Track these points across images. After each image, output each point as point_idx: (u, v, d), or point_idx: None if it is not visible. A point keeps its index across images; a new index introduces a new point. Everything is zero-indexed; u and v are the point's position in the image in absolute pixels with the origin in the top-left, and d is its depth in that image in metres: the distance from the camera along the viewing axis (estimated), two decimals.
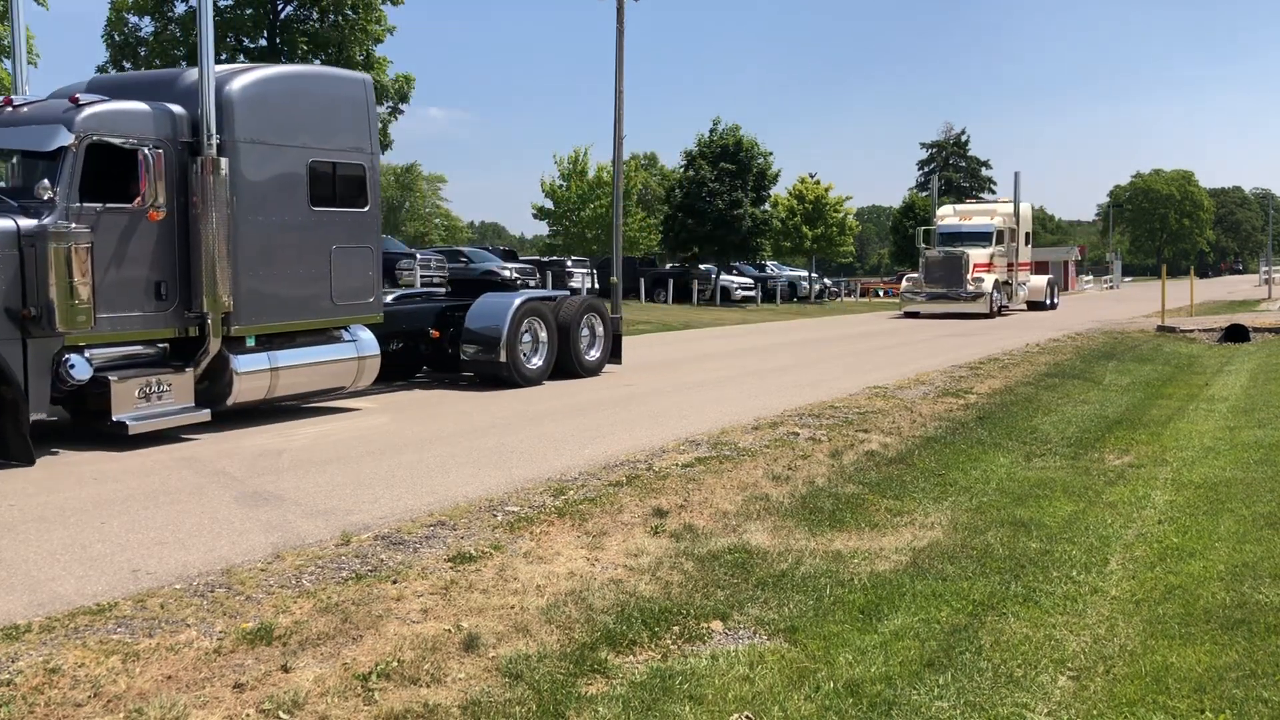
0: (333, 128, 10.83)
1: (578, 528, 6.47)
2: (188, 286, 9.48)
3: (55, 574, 5.45)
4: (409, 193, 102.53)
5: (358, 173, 11.08)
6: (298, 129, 10.37)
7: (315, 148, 10.53)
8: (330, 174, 10.76)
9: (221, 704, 4.00)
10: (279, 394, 10.39)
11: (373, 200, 11.24)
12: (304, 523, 6.53)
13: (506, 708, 4.04)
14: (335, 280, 10.78)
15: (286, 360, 10.30)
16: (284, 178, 10.25)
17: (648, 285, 42.83)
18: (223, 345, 9.69)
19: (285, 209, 10.27)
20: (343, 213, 10.91)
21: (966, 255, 32.21)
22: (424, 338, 13.28)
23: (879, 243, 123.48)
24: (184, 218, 9.43)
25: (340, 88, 11.34)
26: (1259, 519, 6.92)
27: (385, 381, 12.88)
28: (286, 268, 10.32)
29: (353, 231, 11.03)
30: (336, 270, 10.79)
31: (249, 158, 9.85)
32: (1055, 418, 11.39)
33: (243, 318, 9.85)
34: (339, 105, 11.01)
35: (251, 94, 9.93)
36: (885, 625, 5.03)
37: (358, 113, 11.17)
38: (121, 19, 24.49)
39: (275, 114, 10.19)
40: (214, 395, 9.79)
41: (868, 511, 7.21)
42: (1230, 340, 21.91)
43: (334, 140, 10.80)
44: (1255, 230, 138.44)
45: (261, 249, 10.05)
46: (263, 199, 10.03)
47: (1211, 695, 4.23)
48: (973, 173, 75.58)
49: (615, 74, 29.20)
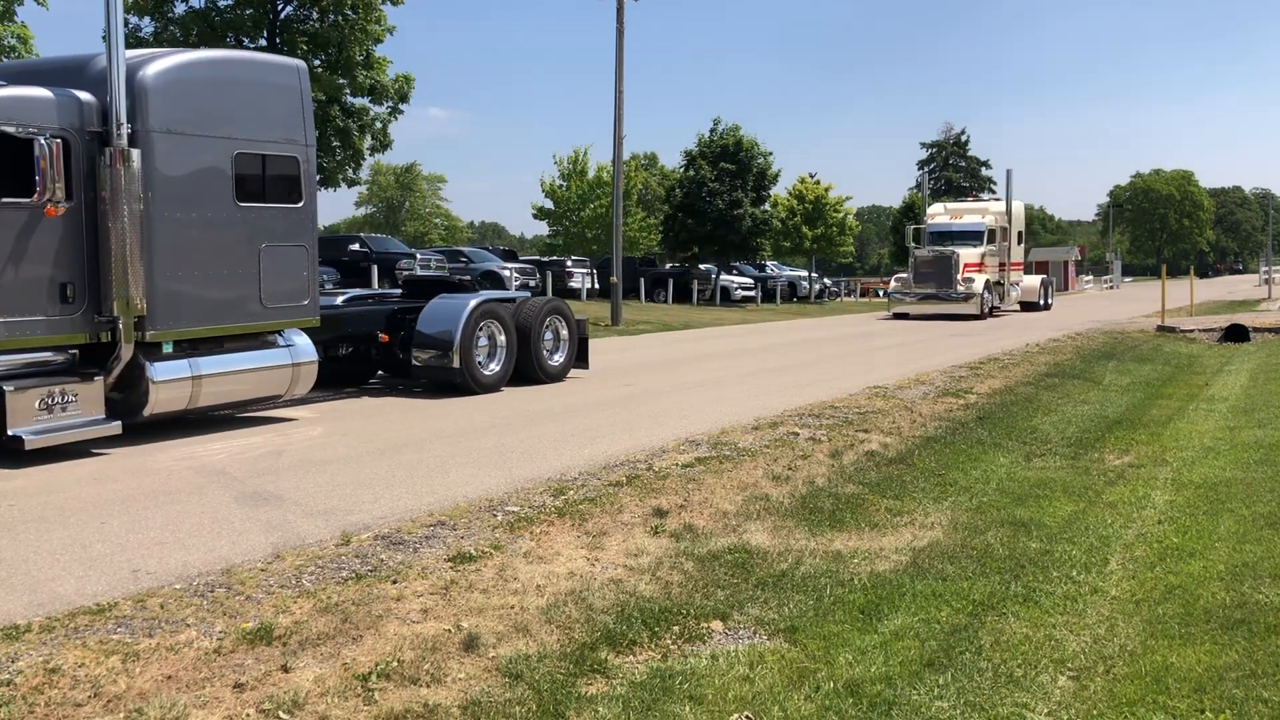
0: (262, 117, 10.09)
1: (578, 528, 6.47)
2: (98, 288, 8.78)
3: (55, 574, 5.45)
4: (409, 193, 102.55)
5: (290, 166, 10.34)
6: (222, 118, 9.65)
7: (242, 139, 9.80)
8: (259, 167, 10.03)
9: (221, 704, 4.00)
10: (204, 404, 9.65)
11: (307, 195, 10.53)
12: (304, 523, 6.53)
13: (506, 708, 4.04)
14: (265, 281, 10.03)
15: (211, 368, 9.60)
16: (206, 171, 9.52)
17: (648, 285, 42.84)
18: (138, 352, 8.99)
19: (207, 204, 9.53)
20: (273, 208, 10.18)
21: (957, 255, 31.45)
22: (373, 342, 12.65)
23: (879, 243, 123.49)
24: (93, 213, 8.75)
25: (271, 75, 10.52)
26: (1259, 519, 6.92)
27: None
28: (209, 268, 9.57)
29: (285, 229, 10.28)
30: (266, 270, 10.04)
31: (165, 149, 9.11)
32: (1055, 418, 11.39)
33: (158, 322, 9.12)
34: (270, 93, 10.26)
35: (168, 80, 9.20)
36: (885, 625, 5.03)
37: (290, 101, 10.40)
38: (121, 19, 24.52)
39: (196, 102, 9.46)
40: (130, 406, 9.10)
41: (868, 511, 7.21)
42: (1230, 340, 21.92)
43: (264, 131, 10.05)
44: (1255, 230, 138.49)
45: (180, 248, 9.30)
46: (181, 194, 9.30)
47: (1211, 695, 4.23)
48: (973, 173, 75.61)
49: (615, 74, 29.23)
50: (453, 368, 12.24)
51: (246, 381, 10.02)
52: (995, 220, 34.08)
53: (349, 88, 25.16)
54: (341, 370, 12.94)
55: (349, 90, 25.21)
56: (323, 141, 25.26)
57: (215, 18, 24.17)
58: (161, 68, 9.19)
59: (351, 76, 24.99)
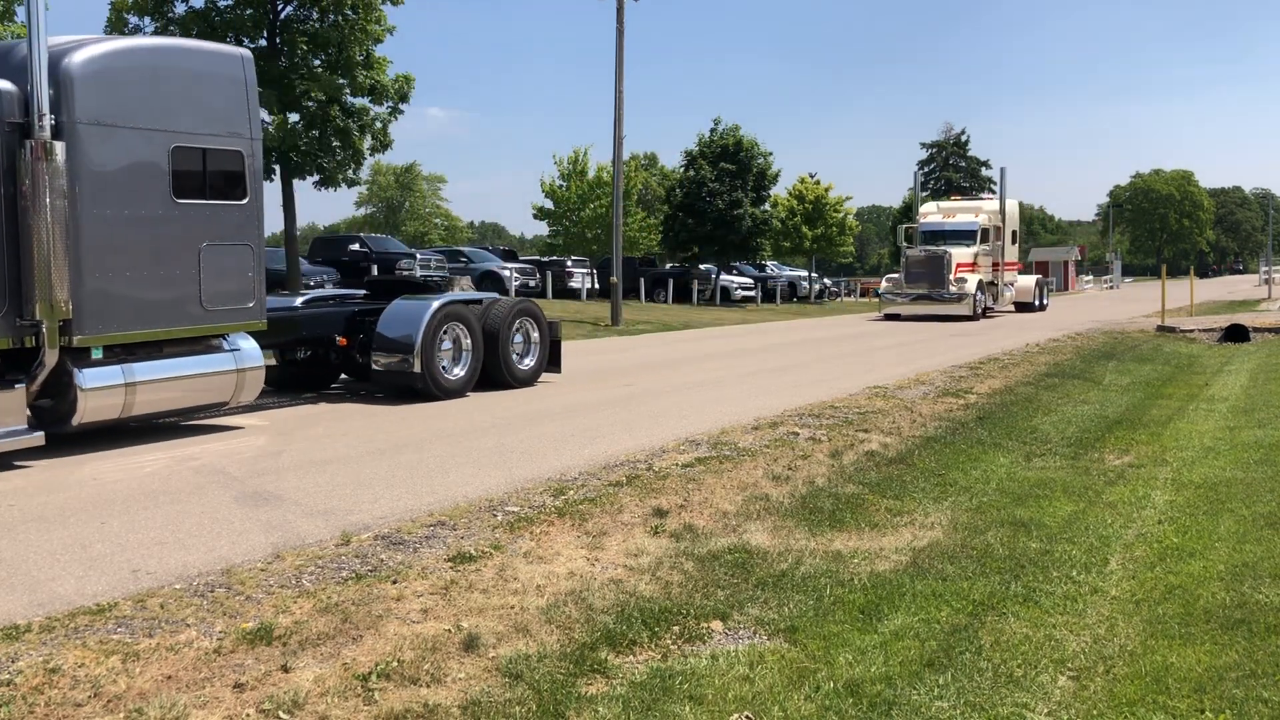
0: (203, 109, 9.51)
1: (578, 528, 6.47)
2: (19, 290, 8.27)
3: (55, 574, 5.45)
4: (409, 193, 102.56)
5: (234, 160, 9.77)
6: (158, 110, 9.10)
7: (180, 131, 9.24)
8: (199, 161, 9.46)
9: (221, 704, 4.00)
10: (140, 412, 9.10)
11: (253, 191, 9.95)
12: (304, 523, 6.53)
13: (506, 708, 4.04)
14: (206, 282, 9.47)
15: (147, 374, 9.04)
16: (140, 165, 8.99)
17: (648, 285, 42.85)
18: (64, 358, 8.48)
19: (141, 201, 8.98)
20: (215, 206, 9.60)
21: (949, 254, 30.75)
22: (332, 345, 12.17)
23: (879, 243, 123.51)
24: (13, 210, 8.25)
25: (213, 64, 9.89)
26: (1259, 519, 6.92)
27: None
28: (143, 268, 9.02)
29: (228, 227, 9.71)
30: (207, 271, 9.47)
31: (93, 142, 8.59)
32: (1055, 418, 11.39)
33: (86, 326, 8.57)
34: (211, 84, 9.67)
35: (96, 69, 8.66)
36: (885, 625, 5.03)
37: (234, 92, 9.82)
38: (122, 19, 24.47)
39: (128, 92, 8.89)
40: (58, 415, 8.62)
41: (868, 511, 7.21)
42: (1230, 340, 21.92)
43: (204, 123, 9.48)
44: (1255, 230, 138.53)
45: (110, 247, 8.77)
46: (112, 189, 8.77)
47: (1211, 695, 4.23)
48: (973, 173, 75.52)
49: (615, 74, 29.23)
50: (413, 372, 11.72)
51: (187, 388, 9.48)
52: (989, 219, 33.41)
53: (349, 88, 25.13)
54: (301, 375, 12.61)
55: (349, 90, 25.18)
56: (323, 141, 25.24)
57: (215, 18, 24.14)
58: (88, 56, 8.66)
59: (351, 76, 24.97)
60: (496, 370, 12.79)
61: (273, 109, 24.42)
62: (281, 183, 25.88)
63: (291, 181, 25.92)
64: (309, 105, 24.67)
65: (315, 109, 24.77)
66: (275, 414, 11.09)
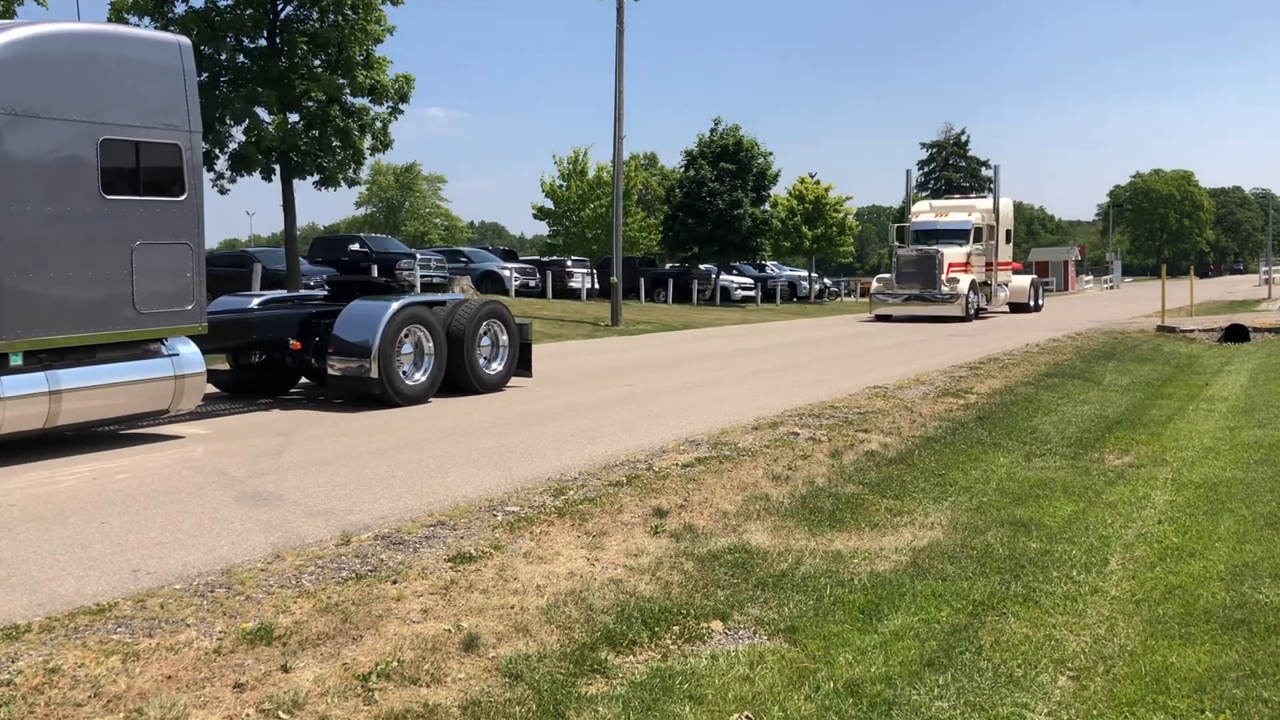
0: (136, 100, 8.95)
1: (578, 528, 6.47)
2: None
3: (55, 574, 5.45)
4: (409, 193, 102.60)
5: (170, 155, 9.22)
6: (86, 100, 8.59)
7: (110, 124, 8.71)
8: (131, 155, 8.92)
9: (221, 704, 4.00)
10: (67, 421, 8.57)
11: (192, 188, 9.38)
12: (304, 523, 6.53)
13: (506, 708, 4.04)
14: (140, 284, 8.94)
15: (74, 381, 8.50)
16: (63, 159, 8.46)
17: (648, 285, 42.86)
18: None
19: (66, 197, 8.45)
20: (149, 202, 9.05)
21: (941, 254, 30.05)
22: (286, 349, 11.57)
23: (879, 243, 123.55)
24: None
25: (148, 51, 9.25)
26: (1259, 519, 6.92)
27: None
28: (68, 269, 8.50)
29: (164, 225, 9.16)
30: (141, 272, 8.93)
31: (10, 134, 8.11)
32: (1055, 418, 11.39)
33: (5, 330, 8.10)
34: (145, 73, 9.08)
35: (11, 56, 8.15)
36: (885, 625, 5.03)
37: (171, 82, 9.23)
38: (122, 19, 24.44)
39: (50, 81, 8.40)
40: None
41: (868, 511, 7.21)
42: (1230, 340, 21.92)
43: (138, 115, 8.93)
44: (1255, 230, 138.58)
45: (31, 246, 8.24)
46: (33, 184, 8.26)
47: (1211, 695, 4.23)
48: (973, 173, 75.58)
49: (615, 74, 29.23)
50: (370, 378, 11.10)
51: (120, 395, 8.92)
52: (982, 218, 32.79)
53: (349, 88, 25.12)
54: (257, 380, 12.18)
55: (349, 90, 25.18)
56: (323, 141, 25.24)
57: (215, 18, 24.13)
58: (6, 41, 8.18)
59: (351, 76, 24.96)
60: (462, 375, 12.22)
61: (273, 109, 24.41)
62: (281, 183, 25.87)
63: (291, 181, 25.91)
64: (309, 105, 24.66)
65: (315, 109, 24.75)
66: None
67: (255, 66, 24.73)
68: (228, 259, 30.26)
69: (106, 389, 8.82)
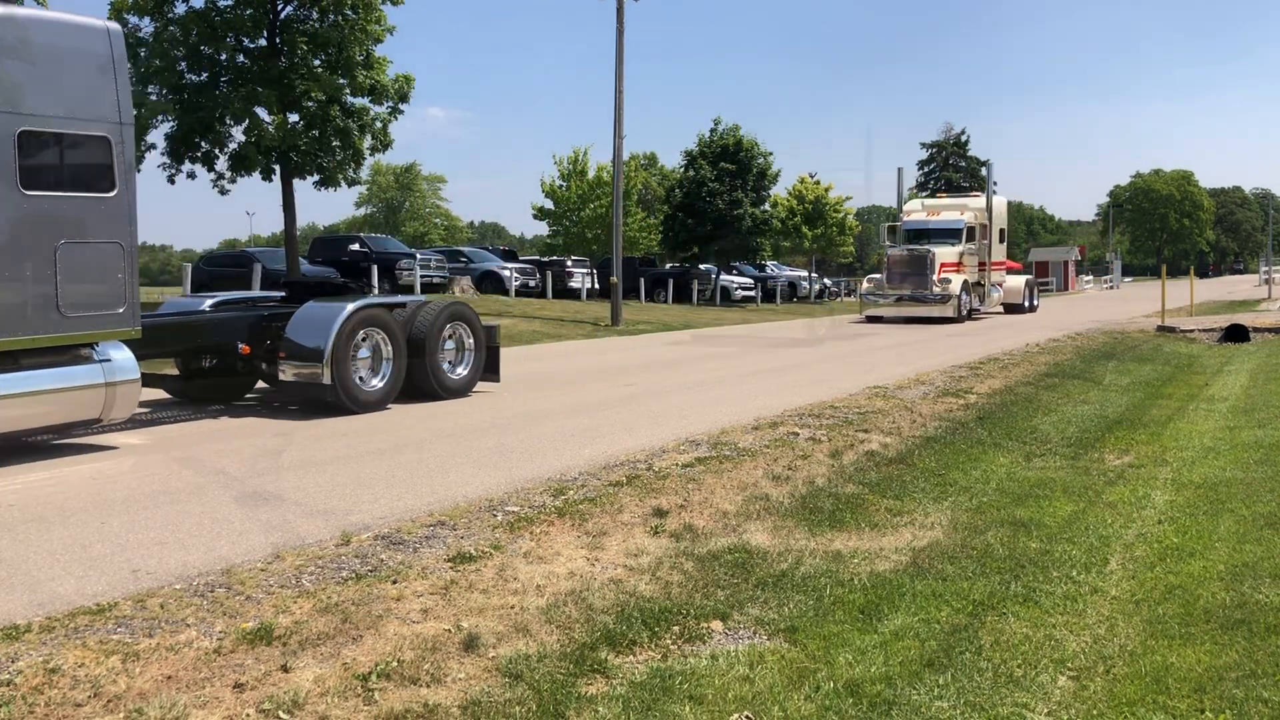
0: (60, 89, 8.39)
1: (578, 528, 6.47)
2: None
3: (55, 574, 5.45)
4: (409, 193, 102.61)
5: (98, 148, 8.65)
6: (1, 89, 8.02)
7: (28, 114, 8.12)
8: (55, 148, 8.43)
9: (221, 704, 4.00)
10: None
11: (122, 183, 8.77)
12: (304, 523, 6.53)
13: (506, 708, 4.04)
14: (64, 285, 8.34)
15: None
16: None
17: (648, 285, 42.87)
18: None
19: None
20: (74, 198, 8.50)
21: (932, 254, 29.50)
22: (235, 354, 10.98)
23: (879, 243, 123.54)
24: None
25: (72, 38, 8.59)
26: (1259, 519, 6.92)
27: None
28: None
29: (91, 222, 8.57)
30: (66, 272, 8.36)
31: None
32: (1055, 418, 11.39)
33: None
34: (70, 61, 8.51)
35: None
36: (885, 625, 5.03)
37: (99, 70, 8.66)
38: (121, 19, 24.44)
39: None
40: None
41: (868, 511, 7.21)
42: (1230, 340, 21.92)
43: (60, 105, 8.37)
44: (1255, 230, 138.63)
45: None
46: None
47: (1211, 695, 4.23)
48: (972, 172, 75.59)
49: (615, 74, 29.23)
50: (323, 384, 10.55)
51: (45, 404, 8.36)
52: (975, 217, 32.30)
53: (349, 88, 25.14)
54: (210, 384, 11.68)
55: (349, 90, 25.19)
56: (323, 141, 25.26)
57: (215, 17, 24.14)
58: None
59: (351, 76, 24.98)
60: (424, 380, 11.71)
61: (273, 109, 24.42)
62: (281, 183, 25.89)
63: (291, 181, 25.93)
64: (309, 105, 24.67)
65: (315, 109, 24.76)
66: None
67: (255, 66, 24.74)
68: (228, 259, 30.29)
69: (30, 397, 8.25)
